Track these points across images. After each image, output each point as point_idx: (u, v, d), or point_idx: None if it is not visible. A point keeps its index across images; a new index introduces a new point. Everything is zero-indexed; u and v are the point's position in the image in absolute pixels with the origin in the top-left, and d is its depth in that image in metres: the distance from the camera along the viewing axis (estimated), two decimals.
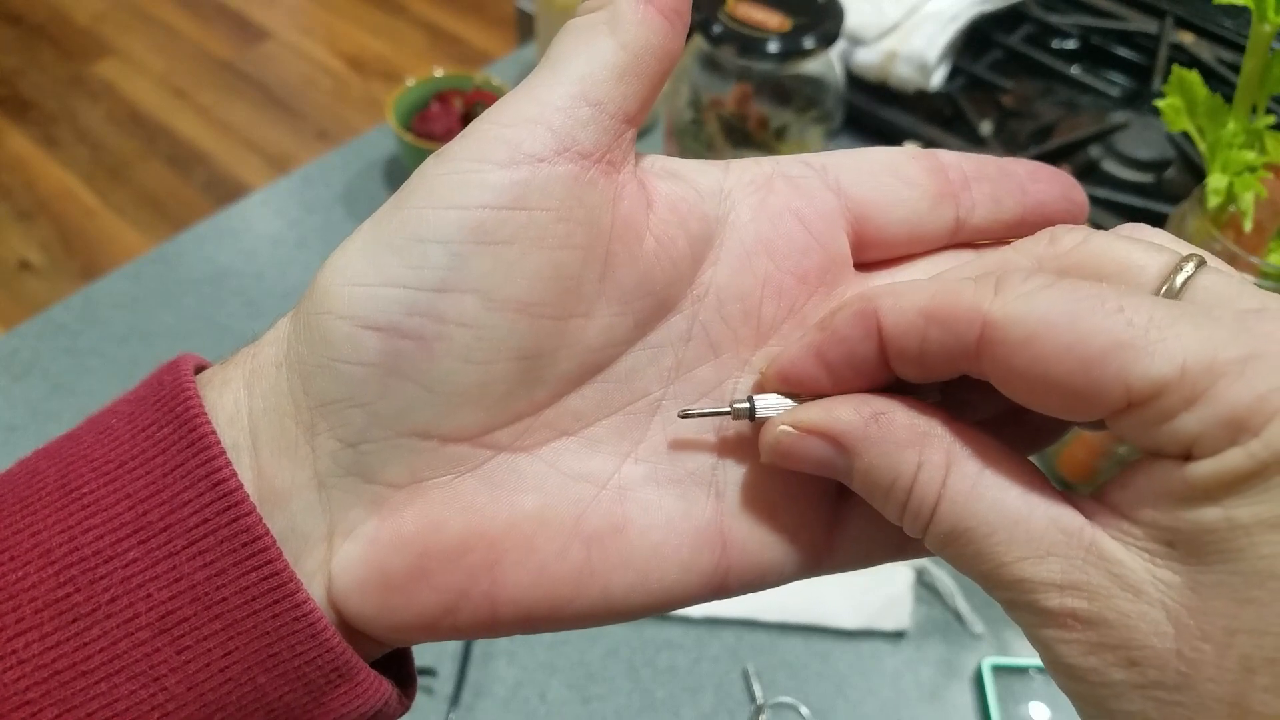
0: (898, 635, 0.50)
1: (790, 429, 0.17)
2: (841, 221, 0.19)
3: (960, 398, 0.18)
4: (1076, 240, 0.16)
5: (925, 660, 0.50)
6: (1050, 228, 0.17)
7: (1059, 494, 0.16)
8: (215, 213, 0.70)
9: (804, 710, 0.47)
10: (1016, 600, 0.15)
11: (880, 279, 0.19)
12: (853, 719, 0.48)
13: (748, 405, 0.18)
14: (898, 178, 0.19)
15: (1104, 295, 0.15)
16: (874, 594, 0.50)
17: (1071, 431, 0.18)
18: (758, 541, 0.18)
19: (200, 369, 0.19)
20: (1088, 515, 0.15)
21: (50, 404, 0.58)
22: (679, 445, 0.18)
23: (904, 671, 0.49)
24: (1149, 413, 0.14)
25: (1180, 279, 0.15)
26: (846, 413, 0.16)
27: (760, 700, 0.47)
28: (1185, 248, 0.16)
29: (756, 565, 0.18)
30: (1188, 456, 0.14)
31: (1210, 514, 0.14)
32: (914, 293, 0.16)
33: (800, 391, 0.17)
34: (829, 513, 0.19)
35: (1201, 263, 0.16)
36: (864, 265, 0.19)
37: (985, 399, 0.17)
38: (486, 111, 0.18)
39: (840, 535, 0.19)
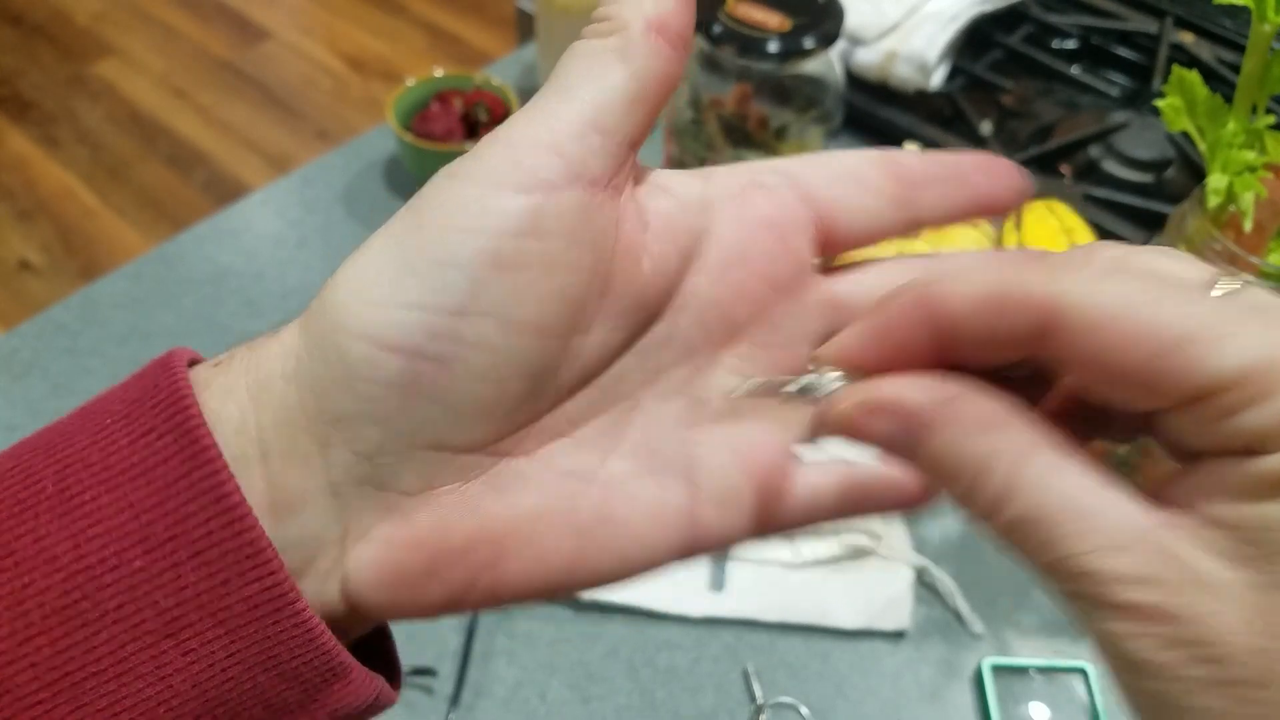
0: (898, 635, 0.50)
1: (862, 403, 0.17)
2: (810, 229, 0.20)
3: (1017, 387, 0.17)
4: (1116, 255, 0.16)
5: (925, 660, 0.50)
6: (1084, 244, 0.17)
7: (1127, 489, 0.15)
8: (215, 213, 0.70)
9: (804, 710, 0.47)
10: (1084, 592, 0.15)
11: (843, 282, 0.20)
12: (853, 719, 0.48)
13: (807, 381, 0.18)
14: (861, 184, 0.20)
15: (1173, 287, 0.15)
16: (874, 594, 0.50)
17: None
18: (721, 518, 0.19)
19: (193, 362, 0.20)
20: (1157, 512, 0.15)
21: (50, 404, 0.58)
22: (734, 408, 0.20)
23: (904, 671, 0.49)
24: (1216, 406, 0.14)
25: (1225, 290, 0.15)
26: (921, 393, 0.16)
27: (760, 700, 0.47)
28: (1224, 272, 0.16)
29: (720, 537, 0.19)
30: (1251, 452, 0.14)
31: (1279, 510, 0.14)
32: (979, 275, 0.16)
33: (855, 372, 0.18)
34: (782, 485, 0.20)
35: (1247, 281, 0.15)
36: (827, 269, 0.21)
37: (1038, 390, 0.17)
38: (498, 130, 0.18)
39: (789, 503, 0.20)
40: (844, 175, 0.20)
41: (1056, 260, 0.16)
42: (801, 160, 0.20)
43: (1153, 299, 0.14)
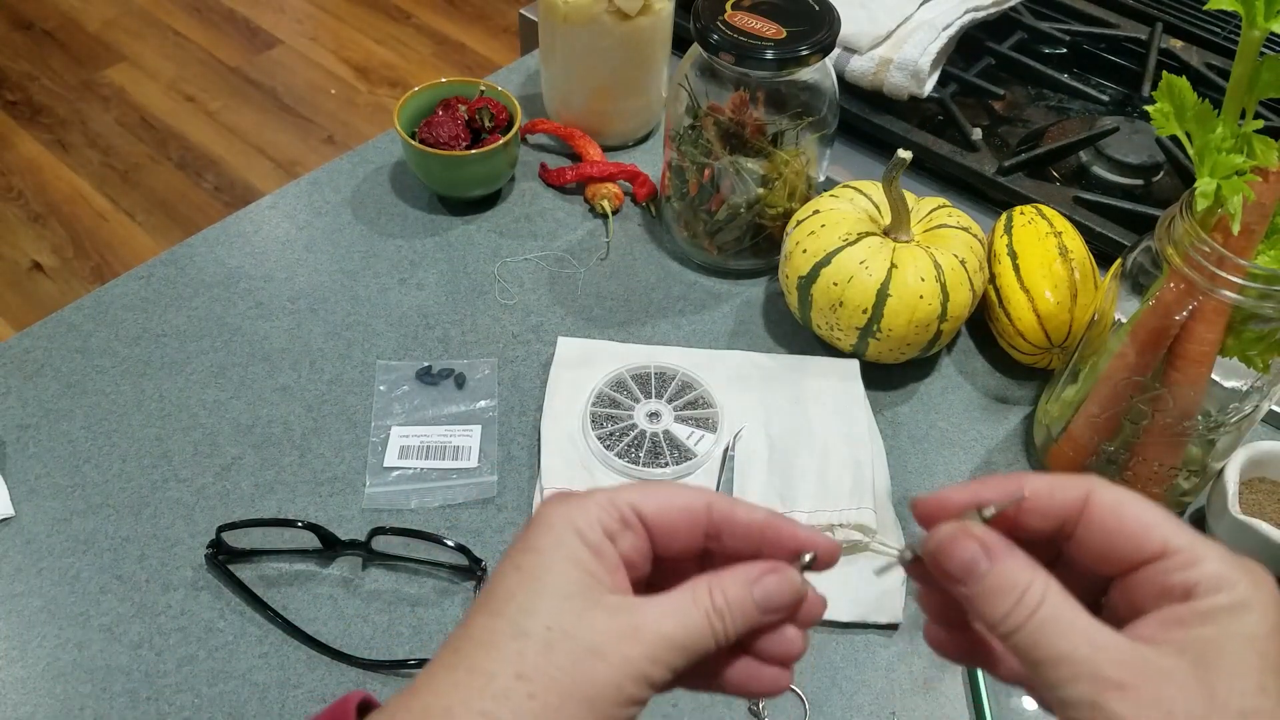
0: (891, 628, 0.51)
1: (960, 529, 0.26)
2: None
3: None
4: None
5: (918, 652, 0.51)
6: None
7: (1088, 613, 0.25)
8: (225, 216, 0.72)
9: (800, 691, 0.48)
10: (1083, 673, 0.23)
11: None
12: (847, 709, 0.49)
13: (903, 553, 0.28)
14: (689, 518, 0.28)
15: (1146, 499, 0.26)
16: (868, 587, 0.51)
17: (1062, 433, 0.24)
18: None
19: (364, 703, 0.27)
20: (1128, 636, 0.24)
21: (62, 403, 0.59)
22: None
23: (897, 663, 0.50)
24: (1171, 564, 0.24)
25: None
26: (997, 537, 0.26)
27: None
28: None
29: None
30: (1187, 597, 0.24)
31: (1209, 631, 0.23)
32: (1042, 475, 0.27)
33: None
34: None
35: None
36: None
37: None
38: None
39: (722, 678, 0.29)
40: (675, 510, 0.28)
41: (1088, 475, 0.26)
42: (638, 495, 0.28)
43: (1144, 500, 0.25)
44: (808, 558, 0.28)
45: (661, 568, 0.29)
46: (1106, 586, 0.27)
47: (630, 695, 0.25)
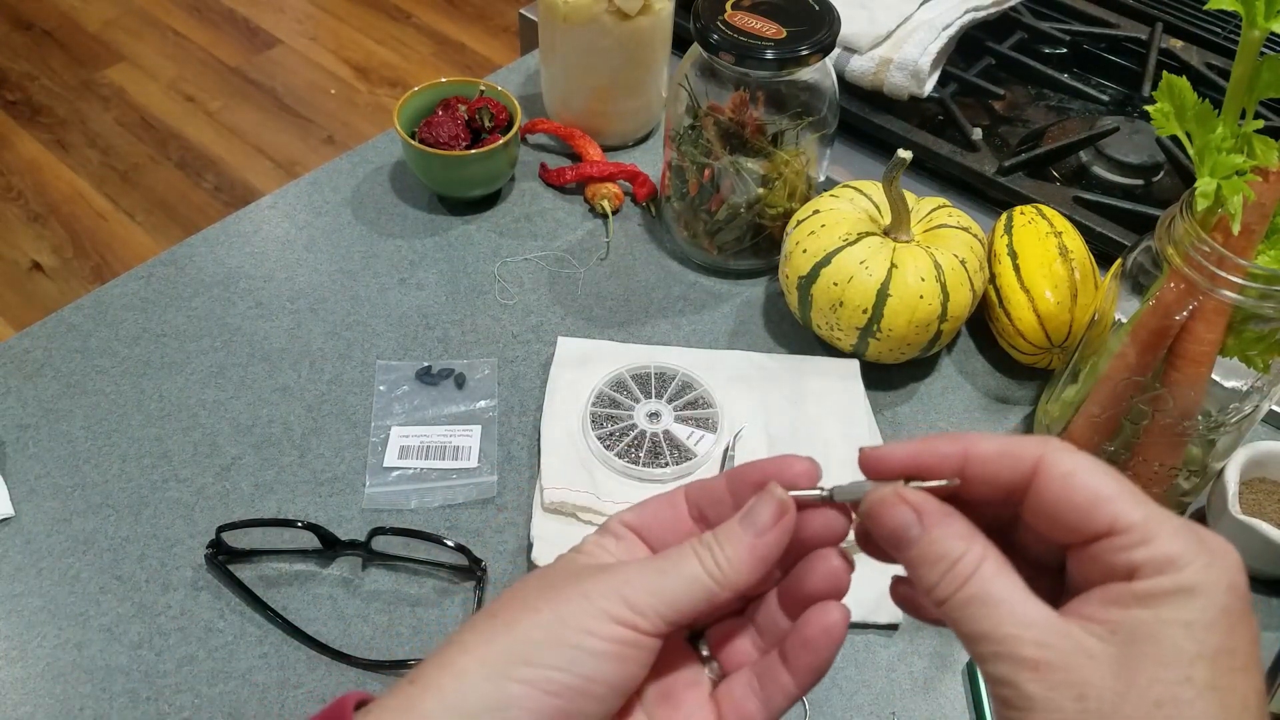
0: (891, 628, 0.51)
1: (896, 494, 0.25)
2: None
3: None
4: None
5: (918, 653, 0.51)
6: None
7: (1029, 593, 0.24)
8: (225, 216, 0.72)
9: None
10: (1002, 653, 0.23)
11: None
12: (847, 710, 0.49)
13: (855, 485, 0.26)
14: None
15: (1107, 468, 0.24)
16: (868, 588, 0.51)
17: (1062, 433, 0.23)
18: None
19: (361, 703, 0.26)
20: (1063, 613, 0.23)
21: (62, 403, 0.59)
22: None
23: (897, 664, 0.50)
24: (1118, 542, 0.23)
25: None
26: (932, 502, 0.25)
27: None
28: None
29: None
30: (1130, 577, 0.23)
31: (1145, 614, 0.22)
32: (989, 436, 0.25)
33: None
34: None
35: None
36: None
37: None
38: None
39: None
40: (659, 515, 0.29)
41: (1048, 439, 0.25)
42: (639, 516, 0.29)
43: (1102, 468, 0.24)
44: (818, 490, 0.27)
45: None
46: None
47: (602, 607, 0.25)
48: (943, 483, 0.25)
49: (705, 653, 0.29)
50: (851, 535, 0.28)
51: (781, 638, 0.28)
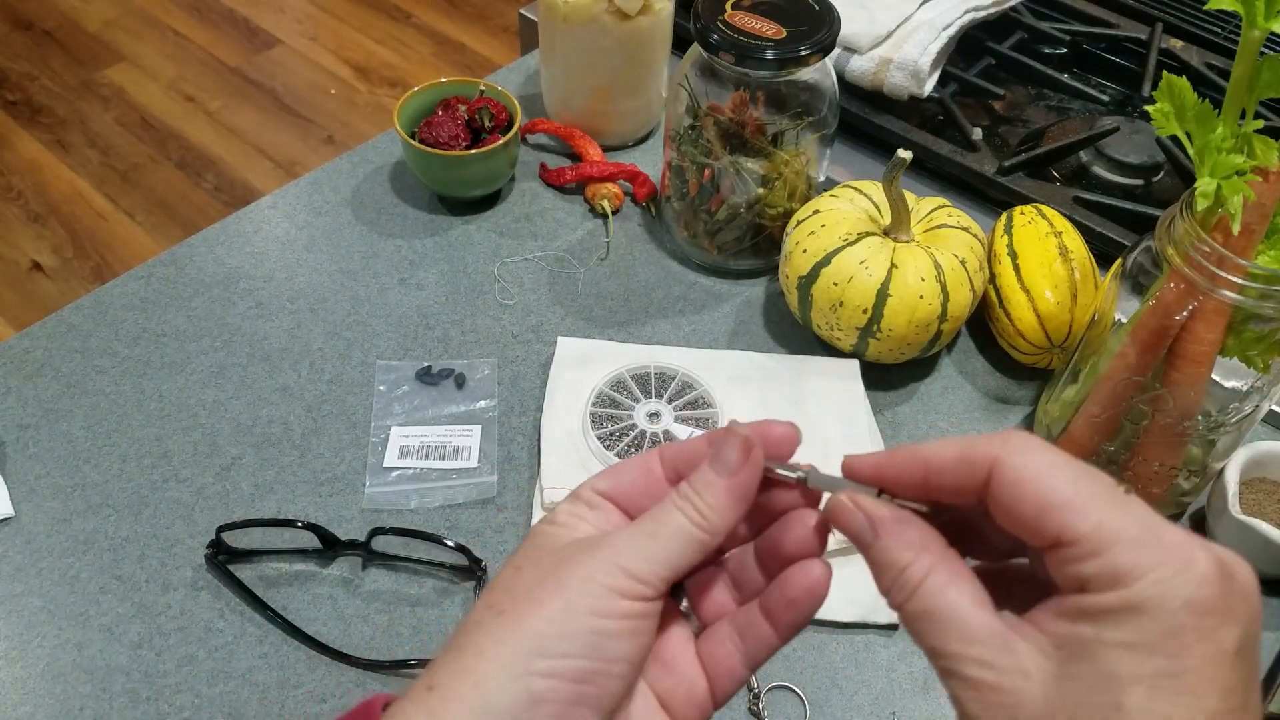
0: (891, 628, 0.51)
1: (853, 501, 0.26)
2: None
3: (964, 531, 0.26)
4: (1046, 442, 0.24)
5: (918, 653, 0.51)
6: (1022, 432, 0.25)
7: (993, 609, 0.23)
8: (225, 216, 0.71)
9: (799, 691, 0.48)
10: (950, 669, 0.23)
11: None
12: (847, 709, 0.49)
13: (832, 477, 0.27)
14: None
15: (1069, 468, 0.23)
16: (869, 587, 0.51)
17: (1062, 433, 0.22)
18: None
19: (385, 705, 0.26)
20: (1010, 624, 0.23)
21: (62, 403, 0.59)
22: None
23: (897, 663, 0.50)
24: (1067, 554, 0.22)
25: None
26: (885, 511, 0.25)
27: (756, 688, 0.49)
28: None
29: None
30: (1080, 590, 0.22)
31: (1087, 630, 0.21)
32: (952, 442, 0.25)
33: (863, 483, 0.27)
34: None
35: (1130, 490, 0.23)
36: None
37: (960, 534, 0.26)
38: None
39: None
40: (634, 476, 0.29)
41: (1009, 436, 0.24)
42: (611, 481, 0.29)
43: (1056, 472, 0.22)
44: (795, 475, 0.27)
45: None
46: None
47: (606, 584, 0.25)
48: (916, 505, 0.26)
49: (684, 606, 0.29)
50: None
51: (759, 590, 0.28)
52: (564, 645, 0.24)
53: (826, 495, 0.27)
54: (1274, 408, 0.61)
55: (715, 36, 0.58)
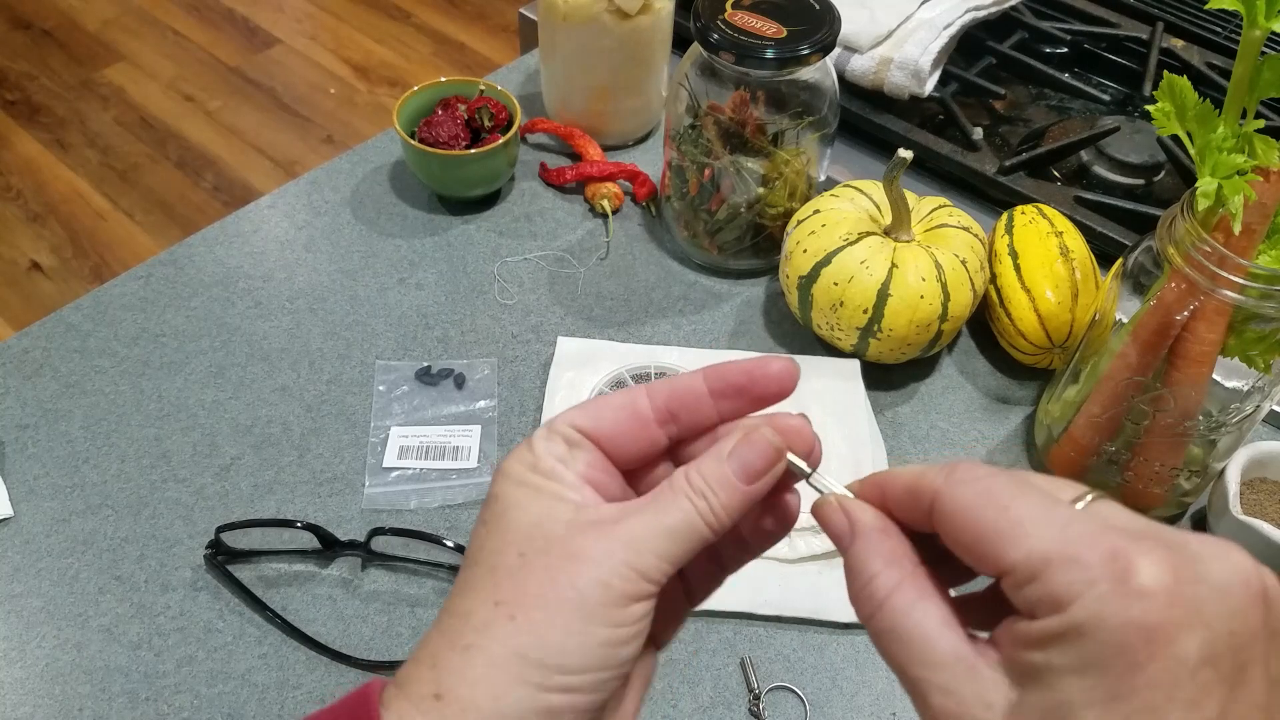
0: None
1: (839, 501, 0.26)
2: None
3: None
4: (994, 471, 0.24)
5: None
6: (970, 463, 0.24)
7: (962, 630, 0.23)
8: (224, 216, 0.71)
9: (800, 692, 0.48)
10: (912, 693, 0.22)
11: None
12: (847, 710, 0.48)
13: (826, 481, 0.27)
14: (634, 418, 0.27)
15: (1003, 494, 0.22)
16: None
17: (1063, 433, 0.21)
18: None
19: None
20: (978, 648, 0.22)
21: (61, 403, 0.59)
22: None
23: None
24: (1008, 582, 0.21)
25: (1082, 505, 0.23)
26: (868, 518, 0.25)
27: (757, 689, 0.48)
28: (1085, 488, 0.23)
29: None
30: (1030, 616, 0.21)
31: (1038, 657, 0.21)
32: (906, 472, 0.25)
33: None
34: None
35: (1099, 495, 0.23)
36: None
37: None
38: None
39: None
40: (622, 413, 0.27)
41: (953, 468, 0.23)
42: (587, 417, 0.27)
43: (989, 502, 0.22)
44: (802, 466, 0.27)
45: (639, 485, 0.28)
46: None
47: (622, 591, 0.24)
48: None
49: None
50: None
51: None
52: (582, 660, 0.24)
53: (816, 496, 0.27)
54: (1275, 408, 0.61)
55: (715, 36, 0.58)
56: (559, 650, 0.23)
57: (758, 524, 0.28)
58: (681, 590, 0.29)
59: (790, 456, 0.27)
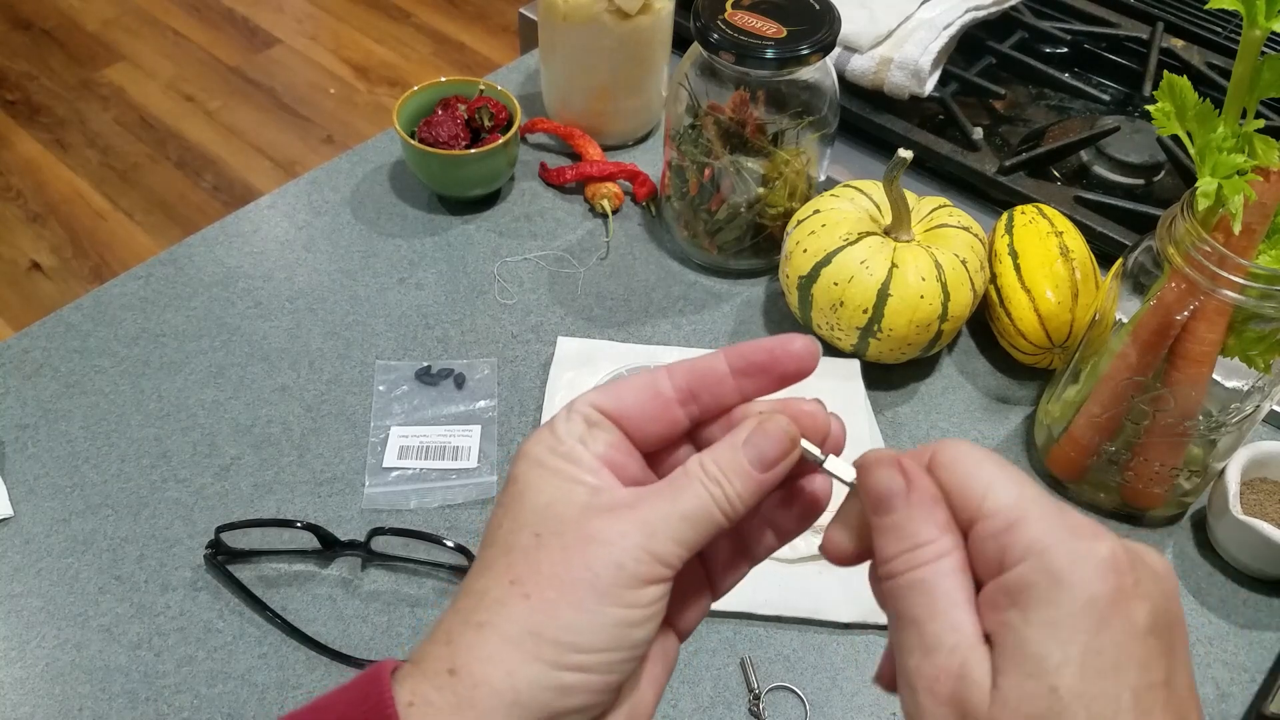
0: None
1: (894, 458, 0.25)
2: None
3: None
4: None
5: None
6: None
7: (973, 605, 0.23)
8: (224, 216, 0.71)
9: (800, 692, 0.48)
10: (920, 648, 0.23)
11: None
12: (847, 710, 0.48)
13: (831, 461, 0.27)
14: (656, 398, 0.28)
15: (995, 459, 0.24)
16: (868, 587, 0.51)
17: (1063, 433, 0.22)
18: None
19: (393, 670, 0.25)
20: (980, 621, 0.23)
21: (61, 403, 0.59)
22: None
23: None
24: (988, 526, 0.23)
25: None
26: (926, 482, 0.25)
27: (757, 689, 0.48)
28: None
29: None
30: (1001, 569, 0.22)
31: (1014, 616, 0.21)
32: (912, 458, 0.26)
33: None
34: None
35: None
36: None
37: None
38: None
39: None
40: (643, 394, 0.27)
41: (943, 440, 0.25)
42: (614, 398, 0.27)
43: (983, 459, 0.24)
44: (816, 452, 0.27)
45: (659, 466, 0.28)
46: None
47: (636, 573, 0.24)
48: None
49: None
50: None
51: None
52: (595, 639, 0.24)
53: (832, 466, 0.27)
54: (1275, 408, 0.61)
55: (715, 36, 0.58)
56: (572, 629, 0.24)
57: (782, 511, 0.28)
58: (704, 576, 0.29)
59: (804, 444, 0.26)
